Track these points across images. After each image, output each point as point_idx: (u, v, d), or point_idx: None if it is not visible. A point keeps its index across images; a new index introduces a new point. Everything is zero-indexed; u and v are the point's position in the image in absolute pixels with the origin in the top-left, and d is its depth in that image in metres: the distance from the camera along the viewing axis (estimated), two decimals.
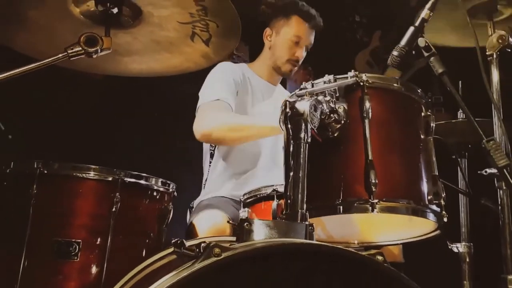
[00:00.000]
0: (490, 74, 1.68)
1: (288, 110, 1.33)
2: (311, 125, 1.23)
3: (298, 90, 1.45)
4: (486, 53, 1.69)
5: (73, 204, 1.63)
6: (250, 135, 2.27)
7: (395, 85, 1.46)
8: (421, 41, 1.48)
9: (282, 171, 2.31)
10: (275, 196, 1.79)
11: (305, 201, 1.19)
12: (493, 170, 1.61)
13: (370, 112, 1.37)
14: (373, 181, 1.30)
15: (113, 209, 1.63)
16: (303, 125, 1.21)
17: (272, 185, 1.83)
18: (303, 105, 1.23)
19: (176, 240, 1.44)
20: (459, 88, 2.29)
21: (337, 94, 1.37)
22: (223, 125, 2.25)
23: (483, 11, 1.76)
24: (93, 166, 1.67)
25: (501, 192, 1.63)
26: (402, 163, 1.40)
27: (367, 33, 4.58)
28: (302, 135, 1.21)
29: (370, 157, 1.33)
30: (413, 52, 1.50)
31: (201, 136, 2.30)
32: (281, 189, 1.78)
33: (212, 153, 2.58)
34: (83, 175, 1.65)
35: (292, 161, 1.33)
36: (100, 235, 1.62)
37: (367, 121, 1.36)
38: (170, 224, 1.88)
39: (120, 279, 1.46)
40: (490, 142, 1.34)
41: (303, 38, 2.54)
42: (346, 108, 1.36)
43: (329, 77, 1.42)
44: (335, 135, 1.36)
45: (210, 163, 2.58)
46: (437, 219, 1.40)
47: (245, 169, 2.46)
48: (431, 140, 1.47)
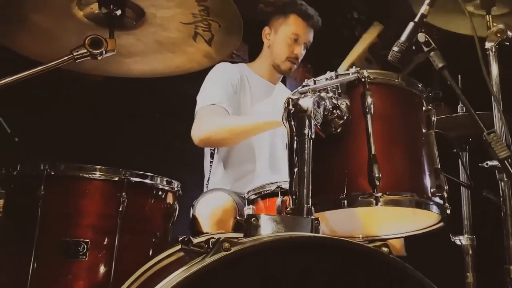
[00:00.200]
0: (490, 67, 1.69)
1: (291, 107, 1.35)
2: (315, 121, 1.25)
3: (300, 87, 1.47)
4: (485, 46, 1.70)
5: (80, 204, 1.65)
6: (247, 133, 2.33)
7: (396, 80, 1.48)
8: (421, 36, 1.49)
9: (281, 170, 2.38)
10: (279, 193, 1.81)
11: (310, 196, 1.21)
12: (494, 162, 1.63)
13: (372, 107, 1.38)
14: (376, 175, 1.32)
15: (120, 209, 1.66)
16: (307, 121, 1.23)
17: (276, 182, 1.85)
18: (307, 102, 1.25)
19: (184, 237, 1.46)
20: (459, 82, 2.31)
21: (339, 91, 1.39)
22: (219, 128, 2.31)
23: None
24: (98, 167, 1.69)
25: (502, 184, 1.64)
26: (405, 157, 1.42)
27: (365, 30, 4.59)
28: (306, 131, 1.23)
29: (373, 152, 1.35)
30: (413, 48, 1.52)
31: (199, 141, 2.35)
32: (285, 185, 1.80)
33: (212, 153, 2.60)
34: (89, 175, 1.67)
35: (296, 157, 1.35)
36: (108, 234, 1.64)
37: (369, 116, 1.38)
38: (174, 223, 1.91)
39: (128, 277, 1.48)
40: (490, 134, 1.35)
41: (301, 36, 2.56)
42: (348, 104, 1.38)
43: (331, 73, 1.44)
44: (338, 130, 1.38)
45: (210, 163, 2.60)
46: (440, 211, 1.42)
47: (245, 169, 2.49)
48: (432, 134, 1.49)
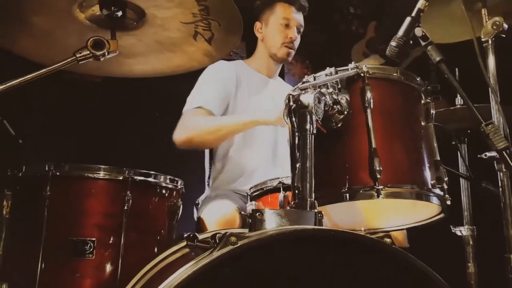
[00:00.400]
0: (487, 60, 1.72)
1: (292, 103, 1.37)
2: (316, 116, 1.27)
3: (300, 83, 1.49)
4: (482, 39, 1.73)
5: (86, 204, 1.67)
6: (229, 132, 2.37)
7: (394, 74, 1.50)
8: (418, 31, 1.51)
9: (283, 166, 2.39)
10: (281, 188, 1.83)
11: (313, 190, 1.24)
12: (493, 153, 1.64)
13: (372, 102, 1.40)
14: (377, 168, 1.34)
15: (125, 207, 1.68)
16: (308, 117, 1.25)
17: (278, 178, 1.87)
18: (308, 98, 1.27)
19: (189, 234, 1.48)
20: (456, 75, 2.33)
21: (339, 86, 1.41)
22: (200, 131, 2.33)
23: None
24: (103, 166, 1.71)
25: (501, 174, 1.67)
26: (405, 149, 1.44)
27: (362, 25, 4.62)
28: (308, 126, 1.25)
29: (373, 145, 1.37)
30: (411, 42, 1.54)
31: (181, 143, 2.36)
32: (287, 181, 1.82)
33: (213, 151, 2.62)
34: (94, 175, 1.69)
35: (298, 153, 1.37)
36: (114, 233, 1.66)
37: (369, 111, 1.40)
38: (178, 220, 1.93)
39: (135, 274, 1.51)
40: (489, 125, 1.37)
41: (291, 19, 2.58)
42: (348, 99, 1.40)
43: (331, 69, 1.45)
44: (339, 125, 1.40)
45: (210, 160, 2.62)
46: (440, 203, 1.44)
47: (246, 165, 2.50)
48: (431, 127, 1.51)
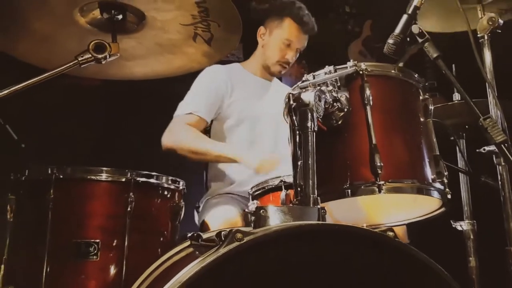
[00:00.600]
0: (483, 55, 1.74)
1: (292, 102, 1.39)
2: (317, 114, 1.29)
3: (300, 82, 1.50)
4: (478, 35, 1.75)
5: (89, 206, 1.68)
6: (208, 159, 2.46)
7: (392, 71, 1.52)
8: (415, 28, 1.53)
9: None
10: (283, 187, 1.85)
11: (315, 187, 1.25)
12: (491, 148, 1.67)
13: (371, 99, 1.42)
14: (378, 164, 1.36)
15: (128, 209, 1.69)
16: (309, 114, 1.27)
17: (279, 176, 1.89)
18: (308, 96, 1.29)
19: (192, 233, 1.49)
20: (453, 71, 2.35)
21: (339, 84, 1.43)
22: (185, 146, 2.36)
23: None
24: (105, 168, 1.72)
25: (500, 168, 1.69)
26: (405, 145, 1.46)
27: (358, 23, 4.64)
28: (309, 124, 1.27)
29: (374, 142, 1.39)
30: (408, 39, 1.56)
31: (166, 149, 2.40)
32: (288, 179, 1.83)
33: None
34: (97, 177, 1.71)
35: (299, 151, 1.39)
36: (117, 234, 1.68)
37: (368, 108, 1.42)
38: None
39: (139, 275, 1.52)
40: (487, 120, 1.39)
41: (294, 41, 2.55)
42: (348, 96, 1.42)
43: (330, 68, 1.47)
44: (339, 123, 1.42)
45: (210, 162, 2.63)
46: (441, 197, 1.46)
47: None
48: (430, 122, 1.53)
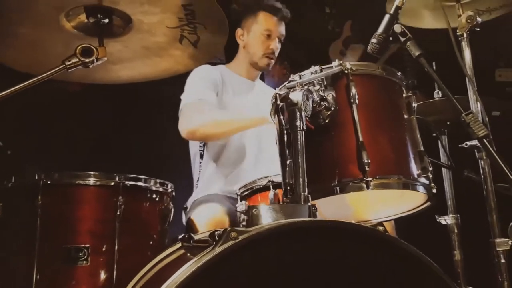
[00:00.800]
0: (462, 52, 1.78)
1: (279, 102, 1.41)
2: (305, 113, 1.31)
3: (287, 82, 1.52)
4: (457, 33, 1.80)
5: (78, 211, 1.68)
6: (234, 129, 2.38)
7: (376, 70, 1.55)
8: (397, 27, 1.57)
9: (268, 164, 2.43)
10: (271, 186, 1.87)
11: (306, 185, 1.27)
12: (473, 142, 1.71)
13: (357, 97, 1.45)
14: (365, 161, 1.39)
15: (118, 213, 1.69)
16: (298, 114, 1.29)
17: (267, 176, 1.91)
18: (297, 95, 1.31)
19: (183, 235, 1.50)
20: (434, 69, 2.40)
21: (325, 83, 1.45)
22: (207, 122, 2.36)
23: None
24: (93, 173, 1.72)
25: (482, 162, 1.74)
26: (391, 142, 1.49)
27: (338, 24, 4.68)
28: (298, 123, 1.29)
29: (360, 139, 1.41)
30: (390, 38, 1.60)
31: (187, 134, 2.40)
32: (276, 179, 1.85)
33: (201, 153, 2.65)
34: (85, 182, 1.70)
35: (288, 150, 1.41)
36: (107, 239, 1.68)
37: (354, 106, 1.44)
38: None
39: (130, 279, 1.52)
40: (469, 115, 1.43)
41: (273, 31, 2.62)
42: (334, 95, 1.44)
43: (316, 67, 1.50)
44: (327, 121, 1.44)
45: (200, 163, 2.65)
46: (427, 191, 1.49)
47: (234, 165, 2.53)
48: (414, 119, 1.57)
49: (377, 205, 1.71)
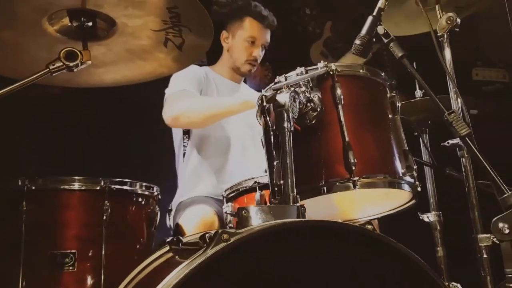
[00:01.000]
0: (443, 52, 1.82)
1: (266, 103, 1.42)
2: (292, 114, 1.32)
3: (273, 84, 1.53)
4: (437, 34, 1.83)
5: (64, 216, 1.67)
6: (218, 113, 2.37)
7: (361, 71, 1.57)
8: (380, 29, 1.59)
9: (252, 162, 2.44)
10: (257, 188, 1.88)
11: (294, 185, 1.29)
12: (455, 141, 1.75)
13: (342, 98, 1.47)
14: (352, 161, 1.41)
15: (104, 217, 1.69)
16: (285, 115, 1.30)
17: (253, 178, 1.92)
18: (283, 97, 1.32)
19: (172, 238, 1.50)
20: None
21: (311, 84, 1.47)
22: (191, 107, 2.38)
23: None
24: (77, 177, 1.71)
25: (464, 160, 1.77)
26: (376, 141, 1.51)
27: (319, 25, 4.72)
28: (286, 124, 1.30)
29: (347, 139, 1.43)
30: (374, 40, 1.62)
31: (172, 120, 2.41)
32: (262, 180, 1.86)
33: (184, 152, 2.65)
34: (70, 187, 1.69)
35: (275, 151, 1.42)
36: (94, 243, 1.67)
37: (340, 107, 1.46)
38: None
39: (118, 284, 1.50)
40: (451, 114, 1.46)
41: (258, 38, 2.63)
42: (320, 96, 1.46)
43: (301, 69, 1.51)
44: (313, 122, 1.45)
45: (183, 164, 2.64)
46: (411, 189, 1.52)
47: (217, 163, 2.54)
48: (398, 119, 1.60)
49: (363, 204, 1.73)
